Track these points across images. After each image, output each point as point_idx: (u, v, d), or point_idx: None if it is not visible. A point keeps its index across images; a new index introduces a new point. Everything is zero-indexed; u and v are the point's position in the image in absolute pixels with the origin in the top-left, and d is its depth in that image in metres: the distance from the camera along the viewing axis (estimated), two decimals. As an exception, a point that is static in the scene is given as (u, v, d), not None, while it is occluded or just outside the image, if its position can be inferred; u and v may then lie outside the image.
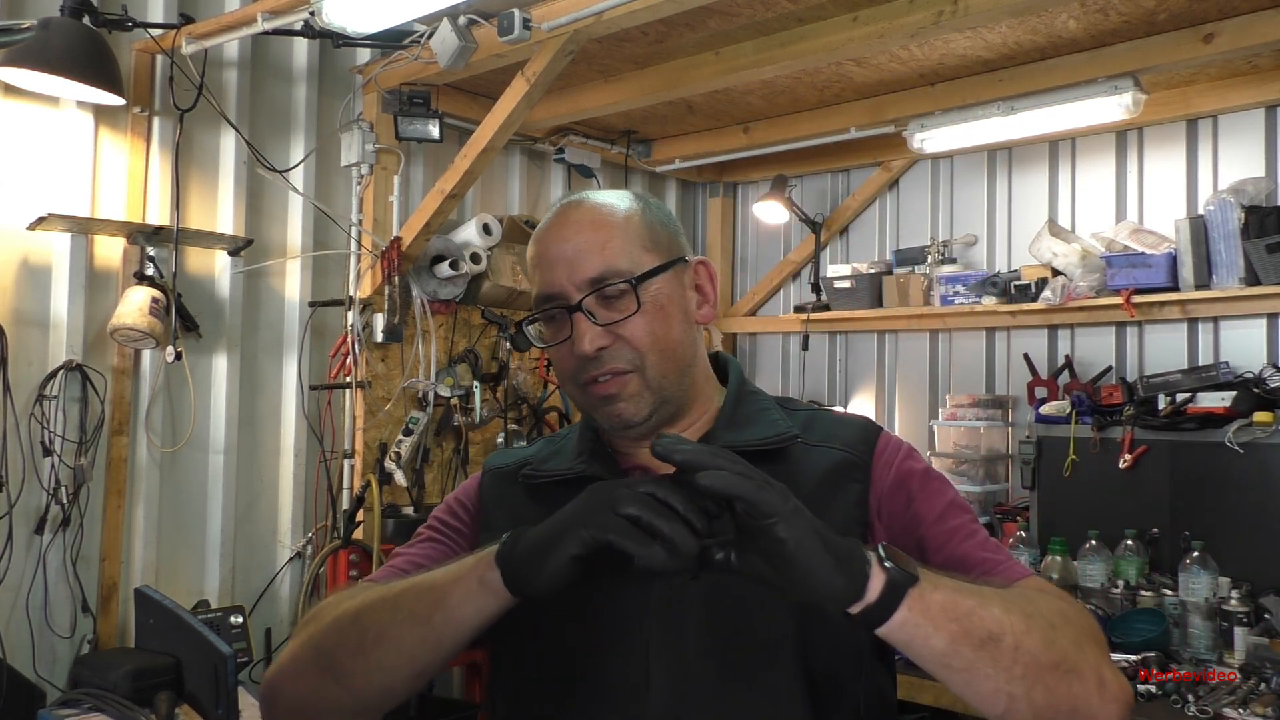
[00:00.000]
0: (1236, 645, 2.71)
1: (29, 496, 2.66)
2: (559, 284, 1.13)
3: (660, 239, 1.17)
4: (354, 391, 3.29)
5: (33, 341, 2.71)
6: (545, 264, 1.15)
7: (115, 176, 2.87)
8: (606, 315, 1.12)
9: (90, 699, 2.32)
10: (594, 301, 1.12)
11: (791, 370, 4.52)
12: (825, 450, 1.15)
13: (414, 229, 3.27)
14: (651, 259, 1.15)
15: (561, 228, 1.16)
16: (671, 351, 1.14)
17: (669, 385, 1.14)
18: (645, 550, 0.87)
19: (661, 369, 1.13)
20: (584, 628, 1.08)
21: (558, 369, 1.18)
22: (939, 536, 1.09)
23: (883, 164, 4.17)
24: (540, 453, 1.25)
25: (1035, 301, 3.51)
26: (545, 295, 1.15)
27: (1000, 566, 1.06)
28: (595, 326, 1.11)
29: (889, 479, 1.13)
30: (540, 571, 0.94)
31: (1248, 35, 2.72)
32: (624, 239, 1.14)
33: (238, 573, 3.12)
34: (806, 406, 1.25)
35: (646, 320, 1.12)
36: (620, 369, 1.12)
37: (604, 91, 3.41)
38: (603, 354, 1.11)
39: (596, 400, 1.14)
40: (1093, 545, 3.10)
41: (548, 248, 1.16)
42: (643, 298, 1.12)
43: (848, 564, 0.86)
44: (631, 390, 1.12)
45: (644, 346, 1.12)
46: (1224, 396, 3.05)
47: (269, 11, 2.68)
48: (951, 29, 2.71)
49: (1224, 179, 3.39)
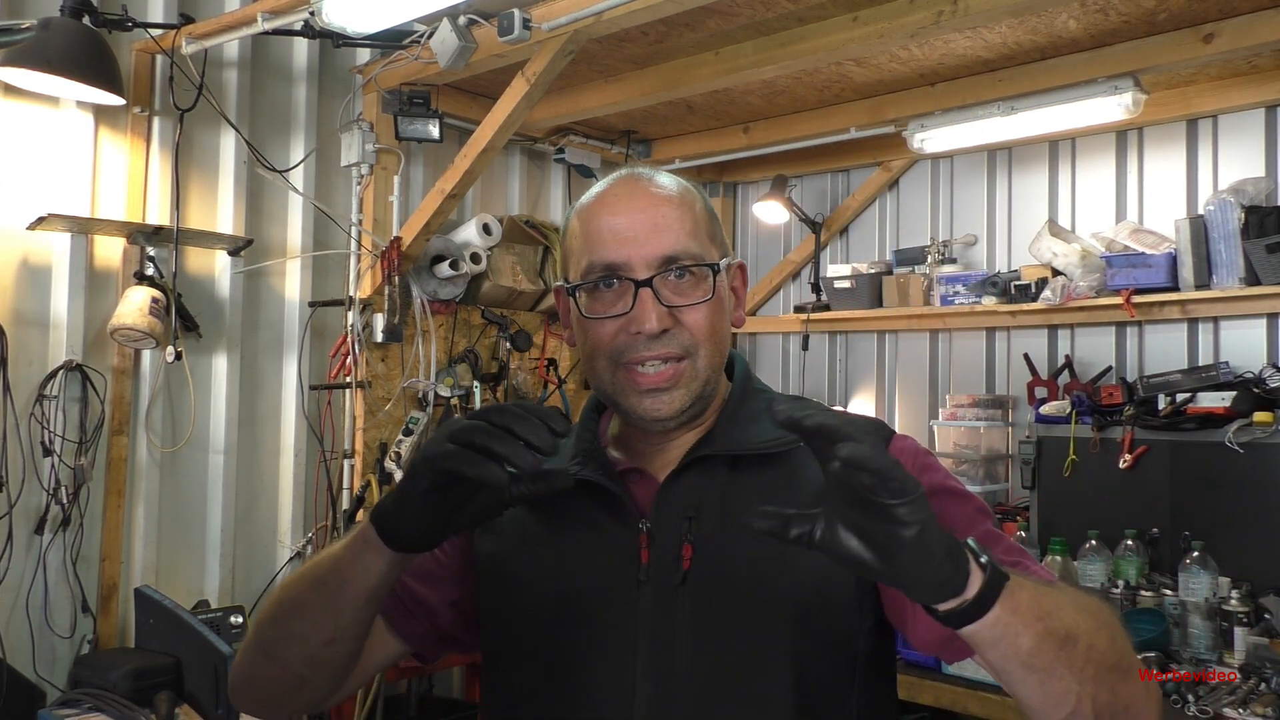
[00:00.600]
0: (1236, 645, 2.71)
1: (29, 496, 2.66)
2: (625, 255, 1.06)
3: (718, 233, 1.14)
4: (354, 391, 3.30)
5: (33, 341, 2.71)
6: (608, 233, 1.08)
7: (115, 176, 2.87)
8: (672, 297, 1.07)
9: (90, 699, 2.32)
10: (661, 281, 1.07)
11: (791, 370, 4.52)
12: None
13: (414, 229, 3.27)
14: (715, 251, 1.12)
15: (631, 198, 1.09)
16: (721, 347, 1.11)
17: (712, 382, 1.11)
18: (480, 470, 0.88)
19: (711, 363, 1.09)
20: (572, 631, 1.07)
21: (593, 343, 1.10)
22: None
23: (883, 164, 4.16)
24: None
25: (1035, 301, 3.50)
26: (607, 264, 1.07)
27: (1033, 572, 1.02)
28: (662, 306, 1.06)
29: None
30: (401, 516, 0.96)
31: (1248, 35, 2.72)
32: (694, 223, 1.10)
33: (238, 573, 3.12)
34: (815, 406, 1.20)
35: (708, 310, 1.08)
36: (673, 354, 1.07)
37: (604, 91, 3.41)
38: (661, 337, 1.06)
39: (636, 388, 1.08)
40: (1093, 545, 3.10)
41: (613, 216, 1.08)
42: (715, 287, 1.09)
43: (957, 558, 0.82)
44: (682, 380, 1.07)
45: (702, 337, 1.08)
46: (1224, 396, 3.05)
47: (269, 11, 2.68)
48: (951, 29, 2.71)
49: (1224, 179, 3.39)
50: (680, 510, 1.06)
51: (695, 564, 1.04)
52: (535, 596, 1.10)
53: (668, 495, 1.08)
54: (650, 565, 1.05)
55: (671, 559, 1.05)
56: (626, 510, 1.08)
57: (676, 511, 1.07)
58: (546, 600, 1.09)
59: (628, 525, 1.08)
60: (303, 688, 1.12)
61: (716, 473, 1.09)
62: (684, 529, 1.05)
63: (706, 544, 1.05)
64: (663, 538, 1.06)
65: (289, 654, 1.08)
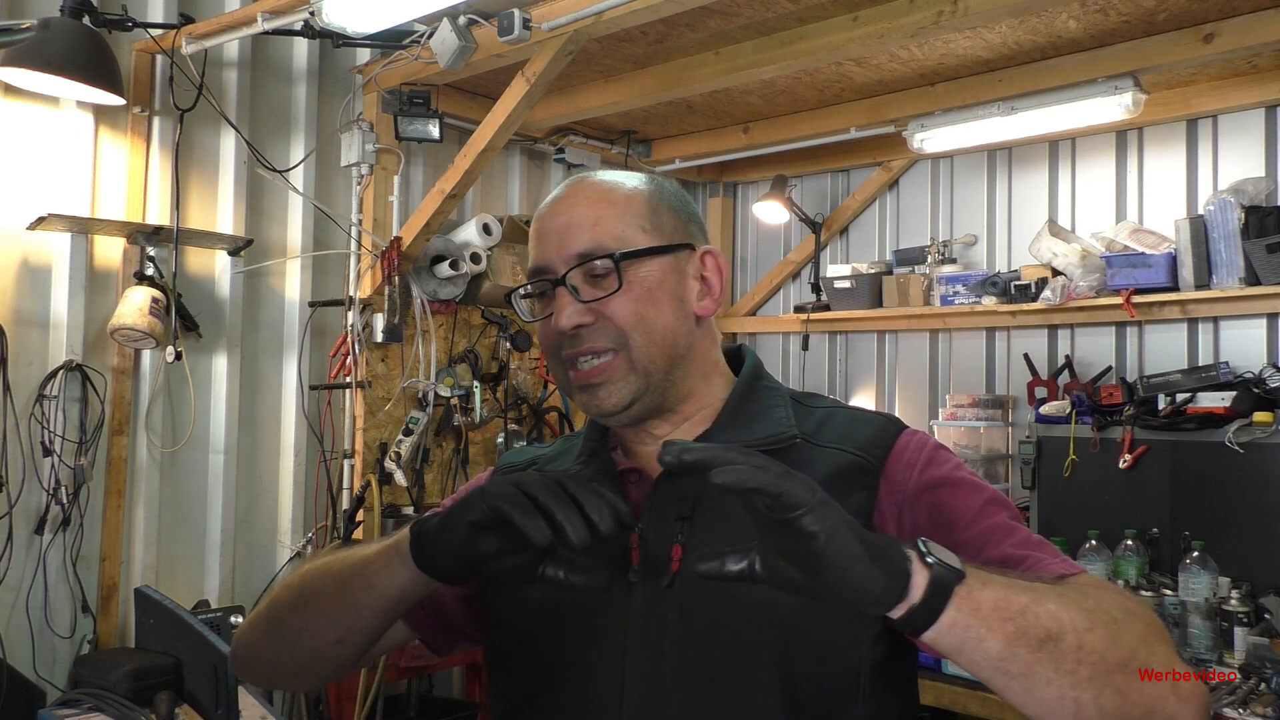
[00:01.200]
0: (1236, 645, 2.71)
1: (29, 496, 2.66)
2: (548, 257, 1.10)
3: (664, 222, 1.12)
4: (354, 391, 3.29)
5: (33, 341, 2.71)
6: (539, 237, 1.13)
7: (115, 176, 2.87)
8: (590, 293, 1.08)
9: (90, 699, 2.32)
10: (579, 277, 1.08)
11: (791, 370, 4.52)
12: (833, 452, 1.07)
13: (414, 229, 3.27)
14: (647, 239, 1.10)
15: (559, 200, 1.13)
16: (659, 336, 1.08)
17: (655, 372, 1.08)
18: (529, 522, 0.88)
19: (647, 352, 1.08)
20: (567, 632, 1.06)
21: (543, 345, 1.15)
22: (977, 539, 1.00)
23: (883, 164, 4.17)
24: (551, 452, 1.24)
25: (1035, 301, 3.51)
26: (535, 268, 1.12)
27: (1046, 564, 0.96)
28: (576, 303, 1.07)
29: (911, 485, 1.04)
30: (440, 539, 0.96)
31: (1248, 35, 2.72)
32: (620, 217, 1.10)
33: (238, 573, 3.12)
34: (829, 404, 1.16)
35: (631, 300, 1.07)
36: (600, 347, 1.07)
37: (604, 91, 3.41)
38: (582, 332, 1.07)
39: (576, 385, 1.10)
40: (1093, 545, 3.10)
41: (544, 221, 1.13)
42: (628, 277, 1.07)
43: (885, 560, 0.78)
44: (616, 374, 1.07)
45: (627, 326, 1.07)
46: (1224, 396, 3.05)
47: (269, 11, 2.68)
48: (951, 29, 2.71)
49: (1224, 179, 3.39)
50: (673, 511, 1.05)
51: (684, 565, 1.02)
52: (530, 597, 1.09)
53: (660, 496, 1.07)
54: (641, 566, 1.04)
55: (662, 560, 1.03)
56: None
57: (669, 512, 1.05)
58: (541, 601, 1.08)
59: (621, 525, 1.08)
60: (304, 674, 1.15)
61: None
62: (676, 530, 1.04)
63: (697, 545, 1.02)
64: (654, 538, 1.05)
65: (298, 641, 1.10)
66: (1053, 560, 0.97)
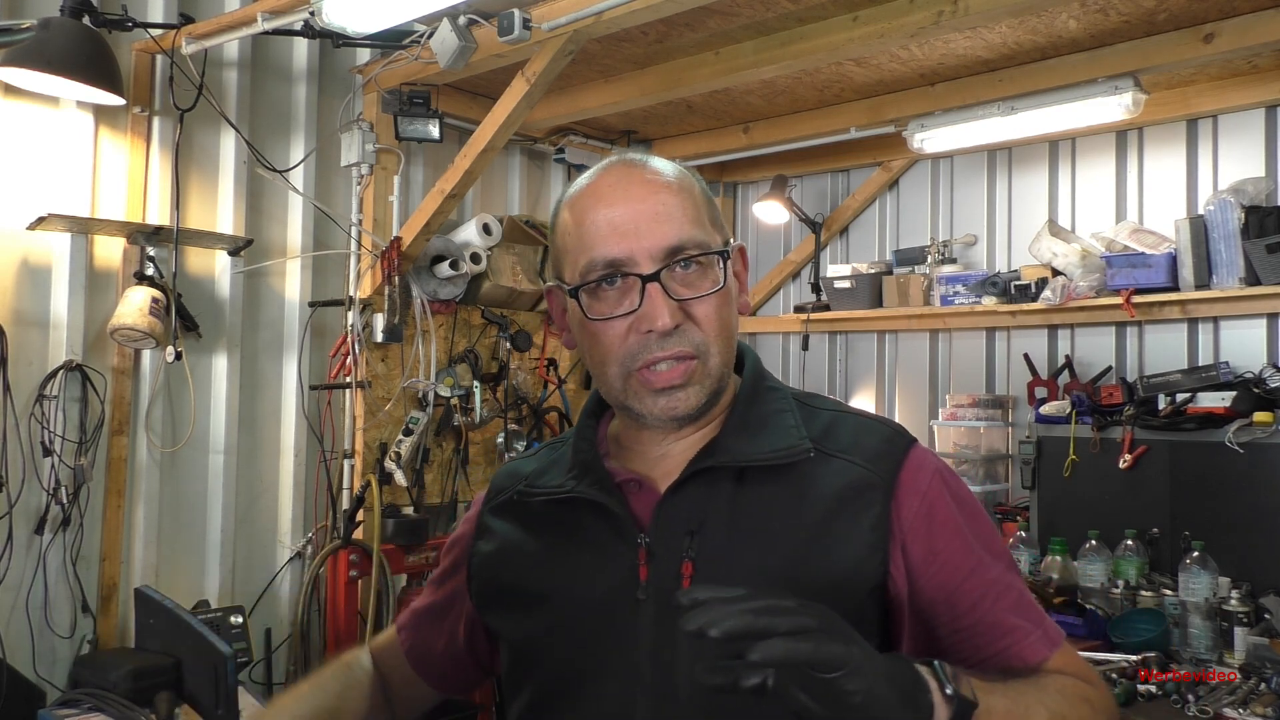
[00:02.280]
0: (1236, 645, 2.71)
1: (29, 496, 2.66)
2: (628, 249, 0.99)
3: (717, 216, 1.07)
4: (354, 391, 3.29)
5: (33, 341, 2.71)
6: (606, 226, 1.01)
7: (115, 176, 2.87)
8: (680, 291, 1.01)
9: (90, 699, 2.32)
10: (669, 274, 1.00)
11: (791, 370, 4.52)
12: (843, 463, 1.03)
13: (414, 229, 3.27)
14: (718, 236, 1.05)
15: (626, 186, 1.02)
16: (731, 339, 1.05)
17: (725, 373, 1.05)
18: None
19: (723, 357, 1.04)
20: (572, 652, 1.04)
21: (601, 348, 1.03)
22: (972, 592, 1.01)
23: (883, 164, 4.16)
24: (539, 465, 1.17)
25: (1035, 301, 3.50)
26: (610, 260, 1.00)
27: (1032, 638, 1.02)
28: (672, 301, 0.99)
29: (916, 508, 1.02)
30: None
31: (1248, 35, 2.72)
32: (696, 209, 1.03)
33: (238, 573, 3.12)
34: (831, 406, 1.12)
35: (720, 301, 1.02)
36: (685, 353, 1.01)
37: (604, 91, 3.41)
38: (674, 333, 1.00)
39: (650, 388, 1.02)
40: (1093, 545, 3.10)
41: (609, 208, 1.01)
42: (725, 275, 1.02)
43: (913, 701, 0.80)
44: (696, 378, 1.02)
45: (712, 331, 1.02)
46: (1224, 396, 3.05)
47: (269, 11, 2.68)
48: (951, 29, 2.71)
49: (1224, 179, 3.39)
50: (682, 525, 1.01)
51: (696, 582, 0.98)
52: (534, 617, 1.07)
53: (668, 509, 1.03)
54: (649, 583, 1.00)
55: (672, 576, 0.99)
56: (624, 525, 1.03)
57: (678, 526, 1.01)
58: (545, 621, 1.06)
59: (626, 540, 1.03)
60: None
61: (721, 485, 1.03)
62: (685, 545, 1.00)
63: (708, 561, 0.99)
64: (662, 554, 1.01)
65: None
66: (1039, 632, 1.03)
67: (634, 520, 1.04)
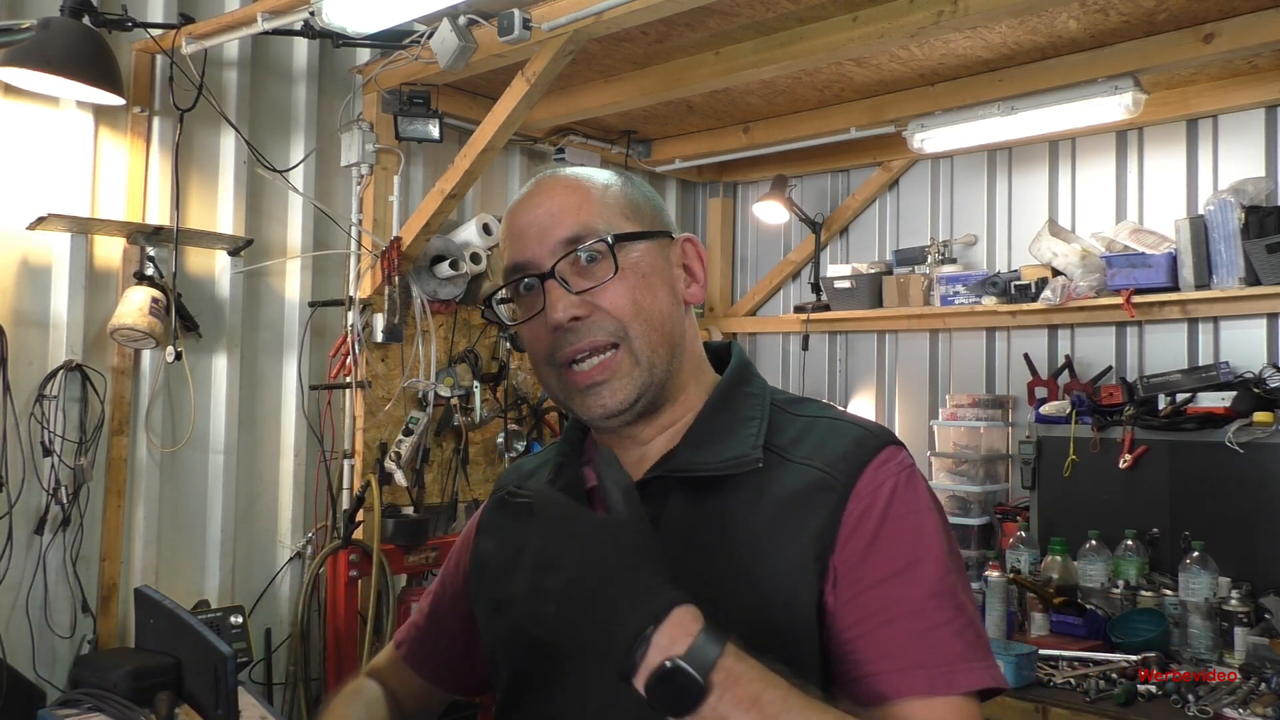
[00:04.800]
0: (1236, 645, 2.71)
1: (29, 496, 2.66)
2: (529, 251, 1.04)
3: (643, 211, 1.08)
4: (354, 391, 3.29)
5: (33, 341, 2.71)
6: (516, 234, 1.06)
7: (115, 176, 2.87)
8: (581, 283, 1.02)
9: (90, 699, 2.32)
10: (568, 267, 1.02)
11: (791, 370, 4.53)
12: (800, 468, 0.99)
13: (414, 229, 3.27)
14: (632, 226, 1.05)
15: (534, 194, 1.08)
16: (659, 324, 1.03)
17: (658, 363, 1.02)
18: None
19: (649, 340, 1.02)
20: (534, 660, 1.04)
21: (531, 351, 1.07)
22: (869, 604, 0.92)
23: (883, 164, 4.17)
24: (536, 465, 1.19)
25: (1035, 301, 3.51)
26: (515, 265, 1.05)
27: (907, 674, 0.89)
28: (569, 294, 1.01)
29: (862, 509, 0.95)
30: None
31: (1248, 35, 2.72)
32: (601, 204, 1.05)
33: (238, 573, 3.12)
34: (814, 411, 1.07)
35: (628, 287, 1.02)
36: (600, 342, 1.01)
37: (604, 91, 3.41)
38: (579, 325, 1.01)
39: (575, 387, 1.02)
40: (1093, 545, 3.11)
41: (519, 216, 1.07)
42: (622, 262, 1.02)
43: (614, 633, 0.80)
44: (620, 370, 1.01)
45: (626, 315, 1.01)
46: (1224, 396, 3.05)
47: (269, 11, 2.68)
48: (951, 29, 2.71)
49: (1224, 179, 3.39)
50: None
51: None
52: (502, 624, 1.07)
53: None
54: None
55: None
56: None
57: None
58: (509, 628, 1.06)
59: None
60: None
61: (675, 494, 1.01)
62: None
63: None
64: None
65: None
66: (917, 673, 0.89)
67: None
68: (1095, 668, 2.69)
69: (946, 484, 3.69)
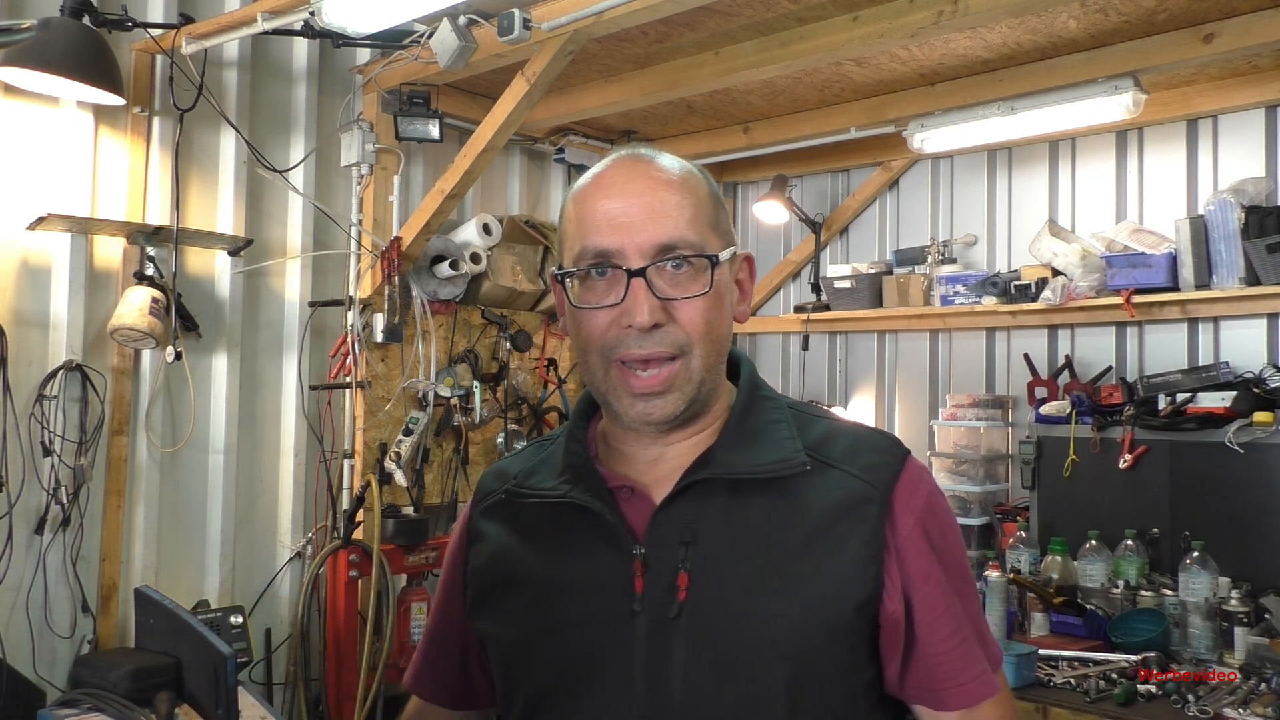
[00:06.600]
0: (1236, 645, 2.71)
1: (29, 496, 2.66)
2: (618, 240, 1.00)
3: (722, 221, 1.06)
4: (354, 391, 3.29)
5: (33, 341, 2.71)
6: (603, 218, 1.01)
7: (115, 176, 2.87)
8: (667, 290, 1.00)
9: (90, 699, 2.32)
10: (655, 270, 1.00)
11: (791, 370, 4.52)
12: (840, 474, 1.03)
13: (414, 229, 3.27)
14: (717, 241, 1.04)
15: (628, 180, 1.02)
16: (719, 346, 1.04)
17: (709, 378, 1.04)
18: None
19: (707, 359, 1.02)
20: (564, 664, 1.03)
21: (585, 336, 1.04)
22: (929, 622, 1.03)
23: (883, 164, 4.17)
24: (527, 464, 1.15)
25: (1035, 301, 3.51)
26: (599, 251, 1.01)
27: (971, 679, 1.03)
28: (655, 299, 0.99)
29: (913, 526, 1.02)
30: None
31: (1248, 35, 2.72)
32: (696, 210, 1.02)
33: (238, 573, 3.12)
34: (822, 414, 1.12)
35: (706, 305, 1.01)
36: (664, 353, 1.00)
37: (604, 91, 3.41)
38: (655, 333, 0.99)
39: (629, 390, 1.02)
40: (1093, 545, 3.11)
41: (608, 199, 1.02)
42: (714, 280, 1.01)
43: None
44: (676, 384, 1.01)
45: (697, 334, 1.01)
46: (1224, 396, 3.05)
47: (269, 11, 2.68)
48: (951, 29, 2.71)
49: (1224, 179, 3.39)
50: (676, 536, 1.00)
51: (691, 594, 0.98)
52: (524, 622, 1.06)
53: (663, 520, 1.02)
54: (645, 595, 0.99)
55: (666, 588, 0.99)
56: (619, 535, 1.02)
57: (673, 538, 1.00)
58: (535, 627, 1.05)
59: (621, 551, 1.02)
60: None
61: (715, 497, 1.02)
62: (680, 556, 0.99)
63: (703, 573, 0.99)
64: (657, 565, 1.00)
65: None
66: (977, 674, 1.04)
67: (628, 530, 1.03)
68: (1095, 668, 2.69)
69: (946, 484, 3.69)
